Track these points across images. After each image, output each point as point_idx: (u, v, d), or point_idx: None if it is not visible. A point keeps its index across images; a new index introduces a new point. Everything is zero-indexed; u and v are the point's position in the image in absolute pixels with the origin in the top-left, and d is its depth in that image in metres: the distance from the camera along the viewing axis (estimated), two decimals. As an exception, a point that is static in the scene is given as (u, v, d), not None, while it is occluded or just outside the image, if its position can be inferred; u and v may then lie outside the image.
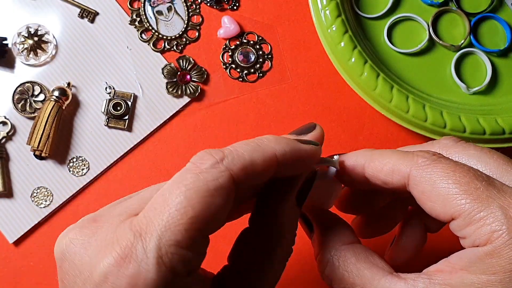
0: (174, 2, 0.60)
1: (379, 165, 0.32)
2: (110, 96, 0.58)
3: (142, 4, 0.59)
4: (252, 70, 0.60)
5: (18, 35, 0.58)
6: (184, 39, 0.60)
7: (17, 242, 0.57)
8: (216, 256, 0.33)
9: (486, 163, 0.32)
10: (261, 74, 0.60)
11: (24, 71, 0.58)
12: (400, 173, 0.31)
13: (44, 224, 0.57)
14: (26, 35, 0.58)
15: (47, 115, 0.56)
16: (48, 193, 0.57)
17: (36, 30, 0.58)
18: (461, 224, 0.29)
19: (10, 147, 0.58)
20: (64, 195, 0.57)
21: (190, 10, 0.60)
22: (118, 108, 0.58)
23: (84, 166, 0.58)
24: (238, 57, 0.59)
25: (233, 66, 0.59)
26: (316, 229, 0.33)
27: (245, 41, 0.60)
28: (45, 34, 0.58)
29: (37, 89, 0.58)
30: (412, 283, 0.29)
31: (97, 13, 0.59)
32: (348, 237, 0.33)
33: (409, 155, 0.31)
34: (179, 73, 0.59)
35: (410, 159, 0.31)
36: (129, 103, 0.58)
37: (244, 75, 0.60)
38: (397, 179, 0.31)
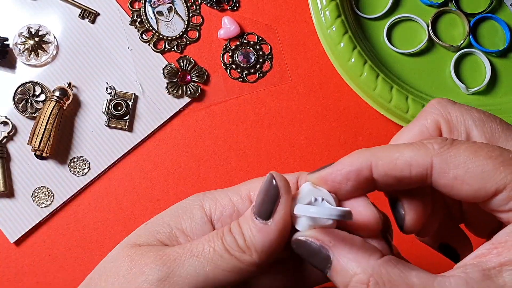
0: (174, 3, 0.60)
1: (390, 161, 0.29)
2: (110, 96, 0.58)
3: (143, 5, 0.60)
4: (252, 71, 0.60)
5: (19, 36, 0.58)
6: (185, 40, 0.60)
7: (18, 242, 0.57)
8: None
9: (491, 128, 0.31)
10: (261, 75, 0.60)
11: (25, 71, 0.59)
12: (419, 165, 0.28)
13: (45, 224, 0.58)
14: (27, 35, 0.58)
15: (48, 115, 0.56)
16: (49, 193, 0.57)
17: (37, 31, 0.58)
18: (508, 195, 0.27)
19: (11, 147, 0.58)
20: (65, 195, 0.58)
21: (190, 11, 0.60)
22: (119, 108, 0.58)
23: (85, 166, 0.58)
24: (238, 57, 0.60)
25: (233, 66, 0.60)
26: (337, 255, 0.29)
27: (245, 41, 0.60)
28: (46, 34, 0.58)
29: (38, 89, 0.58)
30: (465, 276, 0.27)
31: (98, 14, 0.59)
32: (375, 250, 0.29)
33: (420, 146, 0.29)
34: (179, 73, 0.59)
35: (424, 149, 0.29)
36: (130, 103, 0.58)
37: (244, 75, 0.60)
38: (416, 172, 0.29)
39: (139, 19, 0.60)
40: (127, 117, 0.58)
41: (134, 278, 0.30)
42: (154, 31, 0.59)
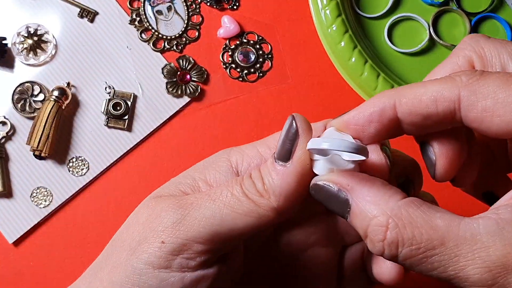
0: (174, 2, 0.60)
1: (414, 98, 0.27)
2: (110, 96, 0.58)
3: (142, 4, 0.59)
4: (252, 70, 0.59)
5: (18, 35, 0.58)
6: (184, 39, 0.60)
7: (17, 242, 0.57)
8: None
9: None
10: (261, 74, 0.60)
11: (23, 71, 0.58)
12: (446, 99, 0.26)
13: (44, 224, 0.57)
14: (26, 34, 0.58)
15: (46, 115, 0.56)
16: (47, 193, 0.57)
17: (36, 30, 0.58)
18: None
19: (10, 147, 0.58)
20: (64, 195, 0.57)
21: (190, 10, 0.60)
22: (118, 108, 0.58)
23: (84, 166, 0.58)
24: (238, 56, 0.59)
25: (233, 65, 0.59)
26: (355, 198, 0.27)
27: (245, 40, 0.60)
28: (44, 33, 0.58)
29: (36, 89, 0.58)
30: (496, 217, 0.24)
31: (97, 13, 0.59)
32: (397, 192, 0.27)
33: (447, 79, 0.26)
34: (179, 72, 0.59)
35: (451, 81, 0.26)
36: (129, 103, 0.58)
37: (244, 75, 0.59)
38: (443, 107, 0.26)
39: (138, 18, 0.59)
40: (126, 117, 0.58)
41: (151, 222, 0.30)
42: (153, 30, 0.59)
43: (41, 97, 0.58)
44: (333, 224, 0.35)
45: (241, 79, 0.59)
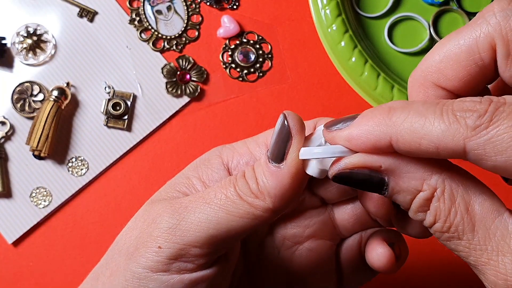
0: (173, 2, 0.60)
1: (412, 141, 0.23)
2: (109, 95, 0.58)
3: (142, 4, 0.59)
4: (252, 70, 0.59)
5: (17, 35, 0.58)
6: (184, 39, 0.59)
7: (16, 243, 0.57)
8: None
9: None
10: (261, 74, 0.59)
11: (23, 70, 0.58)
12: (448, 151, 0.23)
13: (43, 225, 0.57)
14: (25, 34, 0.58)
15: (46, 115, 0.55)
16: (47, 193, 0.57)
17: (35, 30, 0.58)
18: None
19: (9, 147, 0.57)
20: (63, 195, 0.57)
21: (189, 10, 0.60)
22: (118, 108, 0.57)
23: (83, 166, 0.57)
24: (238, 56, 0.59)
25: (233, 65, 0.59)
26: (393, 177, 0.25)
27: (245, 40, 0.60)
28: (44, 33, 0.58)
29: (36, 89, 0.58)
30: None
31: (96, 13, 0.59)
32: (435, 163, 0.25)
33: (452, 121, 0.23)
34: (178, 72, 0.58)
35: (456, 126, 0.23)
36: (129, 103, 0.58)
37: (244, 74, 0.59)
38: (446, 155, 0.23)
39: (138, 18, 0.59)
40: (126, 117, 0.58)
41: (147, 228, 0.30)
42: (153, 30, 0.59)
43: (40, 97, 0.57)
44: (329, 217, 0.35)
45: (241, 79, 0.59)
